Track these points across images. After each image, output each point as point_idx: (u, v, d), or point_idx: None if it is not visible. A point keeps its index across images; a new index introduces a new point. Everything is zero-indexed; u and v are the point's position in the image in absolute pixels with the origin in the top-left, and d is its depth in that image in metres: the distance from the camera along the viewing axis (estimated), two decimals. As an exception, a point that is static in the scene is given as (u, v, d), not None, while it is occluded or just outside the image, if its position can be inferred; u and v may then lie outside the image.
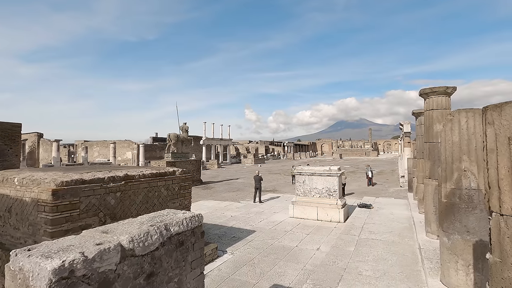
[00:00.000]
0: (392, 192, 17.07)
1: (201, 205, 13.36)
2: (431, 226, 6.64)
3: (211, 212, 11.86)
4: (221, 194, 17.32)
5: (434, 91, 6.58)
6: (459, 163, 4.19)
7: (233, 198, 15.88)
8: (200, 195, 17.23)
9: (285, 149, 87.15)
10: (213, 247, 6.81)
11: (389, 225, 8.82)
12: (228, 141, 56.80)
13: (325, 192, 10.41)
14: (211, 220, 10.47)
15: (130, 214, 5.30)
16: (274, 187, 20.38)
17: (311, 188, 10.68)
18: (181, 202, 6.55)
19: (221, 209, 12.39)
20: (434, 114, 6.64)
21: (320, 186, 10.51)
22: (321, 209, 10.27)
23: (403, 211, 10.74)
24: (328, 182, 10.37)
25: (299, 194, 10.93)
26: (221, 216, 11.15)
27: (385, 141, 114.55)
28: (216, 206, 13.08)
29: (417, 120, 9.44)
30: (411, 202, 11.52)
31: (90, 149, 50.07)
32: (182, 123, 22.33)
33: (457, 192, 4.20)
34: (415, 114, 9.36)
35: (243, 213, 11.56)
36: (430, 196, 6.63)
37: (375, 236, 7.79)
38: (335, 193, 10.25)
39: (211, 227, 9.55)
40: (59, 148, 28.33)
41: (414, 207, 10.45)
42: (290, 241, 7.94)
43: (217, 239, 8.29)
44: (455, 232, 4.19)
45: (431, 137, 6.69)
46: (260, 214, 11.43)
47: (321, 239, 8.07)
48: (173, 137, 20.90)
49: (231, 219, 10.57)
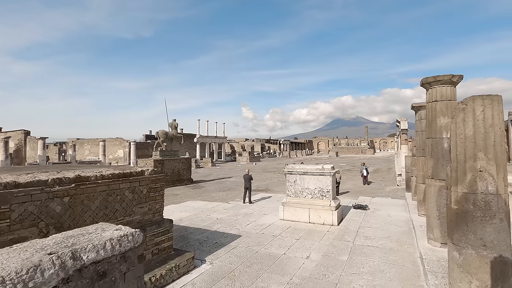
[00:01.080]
0: (388, 191, 16.40)
1: (186, 206, 12.55)
2: (433, 232, 5.90)
3: (196, 214, 11.06)
4: (210, 194, 16.52)
5: (438, 80, 5.82)
6: (474, 161, 3.43)
7: (223, 198, 15.09)
8: (188, 195, 16.41)
9: (281, 147, 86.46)
10: (188, 257, 6.01)
11: (386, 229, 8.09)
12: (223, 139, 55.93)
13: (318, 193, 9.66)
14: (195, 223, 9.67)
15: (84, 222, 4.48)
16: (267, 186, 19.63)
17: (302, 189, 9.92)
18: (151, 206, 5.75)
19: (207, 211, 11.59)
20: (438, 106, 5.88)
21: (313, 186, 9.75)
22: (314, 211, 9.52)
23: (401, 213, 10.02)
24: (321, 182, 9.61)
25: (290, 195, 10.17)
26: (206, 218, 10.36)
27: (381, 139, 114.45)
28: (203, 207, 12.28)
29: (417, 115, 8.71)
30: (409, 202, 10.82)
31: (81, 148, 48.94)
32: (171, 120, 21.45)
33: (471, 197, 3.45)
34: (415, 108, 8.63)
35: (231, 215, 10.77)
36: (433, 198, 5.89)
37: (371, 242, 7.04)
38: (329, 193, 9.50)
39: (193, 232, 8.75)
40: (45, 146, 27.29)
41: (413, 208, 9.74)
42: (277, 248, 7.17)
43: (198, 245, 7.50)
44: (468, 246, 3.43)
45: (434, 132, 5.94)
46: (248, 216, 10.65)
47: (312, 245, 7.31)
48: (161, 135, 20.02)
49: (216, 222, 9.78)
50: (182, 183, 20.48)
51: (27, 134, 34.32)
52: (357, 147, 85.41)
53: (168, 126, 21.30)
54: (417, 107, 8.50)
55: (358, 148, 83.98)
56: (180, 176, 20.65)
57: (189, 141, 53.89)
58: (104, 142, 32.70)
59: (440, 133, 5.85)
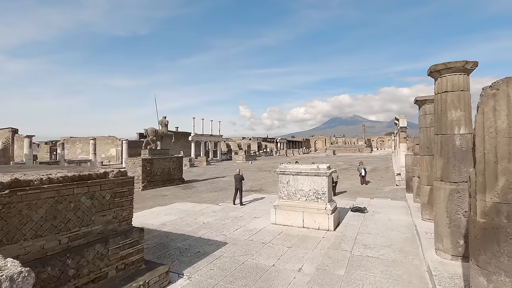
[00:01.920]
0: (387, 191, 15.67)
1: (173, 209, 11.72)
2: (443, 242, 5.14)
3: (182, 217, 10.24)
4: (201, 195, 15.69)
5: (449, 67, 5.04)
6: (509, 162, 2.65)
7: (213, 199, 14.28)
8: (177, 196, 15.58)
9: (278, 145, 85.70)
10: (162, 272, 5.20)
11: (387, 236, 7.32)
12: (218, 137, 55.03)
13: (313, 195, 8.89)
14: (178, 229, 8.86)
15: (22, 237, 3.65)
16: (261, 186, 18.85)
17: (296, 190, 9.14)
18: (117, 214, 4.92)
19: (195, 214, 10.78)
20: (449, 98, 5.10)
21: (307, 187, 8.97)
22: (308, 214, 8.75)
23: (403, 216, 9.28)
24: (316, 183, 8.84)
25: (283, 197, 9.39)
26: (191, 222, 9.55)
27: (379, 138, 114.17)
28: (191, 210, 11.46)
29: (421, 110, 7.94)
30: (410, 204, 10.08)
31: (73, 146, 47.82)
32: (161, 117, 20.55)
33: (504, 208, 2.67)
34: (419, 102, 7.86)
35: (219, 219, 9.97)
36: (443, 203, 5.12)
37: (371, 252, 6.27)
38: (324, 196, 8.73)
39: (176, 238, 7.95)
40: (31, 144, 26.27)
41: (416, 211, 9.00)
42: (266, 258, 6.38)
43: (177, 255, 6.69)
44: (500, 272, 2.66)
45: (445, 127, 5.16)
46: (238, 220, 9.86)
47: (305, 254, 6.53)
48: (150, 132, 19.13)
49: (203, 227, 8.98)
50: (173, 183, 19.64)
51: (15, 132, 33.22)
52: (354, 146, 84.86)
53: (158, 123, 20.41)
54: (421, 101, 7.73)
55: (355, 146, 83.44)
56: (171, 175, 19.79)
57: (184, 140, 52.93)
58: (94, 140, 31.67)
59: (451, 128, 5.07)
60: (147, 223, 9.50)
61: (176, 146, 52.89)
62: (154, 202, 13.77)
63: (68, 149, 48.83)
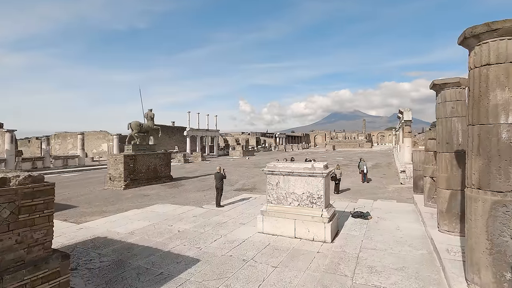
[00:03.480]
0: (392, 191, 14.27)
1: (150, 212, 10.31)
2: (480, 274, 3.72)
3: (156, 224, 8.84)
4: (186, 195, 14.29)
5: (494, 29, 3.55)
6: None
7: (199, 200, 12.88)
8: (161, 196, 14.17)
9: (277, 140, 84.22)
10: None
11: (398, 253, 5.90)
12: (215, 132, 53.53)
13: (306, 199, 7.46)
14: (148, 239, 7.46)
15: None
16: (254, 185, 17.45)
17: (287, 193, 7.72)
18: (23, 237, 3.49)
19: (172, 219, 9.38)
20: (492, 73, 3.64)
21: (300, 190, 7.55)
22: (300, 222, 7.34)
23: (413, 224, 7.86)
24: (311, 185, 7.41)
25: (272, 201, 7.97)
26: (165, 231, 8.15)
27: (379, 133, 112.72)
28: (169, 214, 10.06)
29: (439, 96, 6.44)
30: (421, 209, 8.66)
31: (64, 141, 46.37)
32: (147, 110, 19.02)
33: None
34: (437, 86, 6.34)
35: (198, 226, 8.57)
36: (481, 221, 3.69)
37: (378, 279, 4.84)
38: (320, 200, 7.30)
39: (140, 253, 6.55)
40: (13, 139, 24.79)
41: (429, 218, 7.59)
42: (244, 284, 4.98)
43: (133, 279, 5.29)
44: None
45: (485, 114, 3.70)
46: (219, 227, 8.46)
47: (294, 278, 5.13)
48: (134, 126, 17.65)
49: (176, 237, 7.58)
50: (160, 181, 18.22)
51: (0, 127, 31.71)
52: (355, 141, 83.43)
53: (144, 116, 18.92)
54: (440, 85, 6.23)
55: (356, 141, 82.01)
56: (157, 173, 18.37)
57: (179, 135, 51.43)
58: (82, 135, 30.16)
59: (496, 116, 3.62)
60: (112, 232, 8.10)
61: (171, 141, 51.42)
62: (132, 203, 12.37)
63: (59, 145, 47.36)
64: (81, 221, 9.52)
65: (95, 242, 7.31)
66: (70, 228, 8.55)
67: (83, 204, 12.28)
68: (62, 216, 10.20)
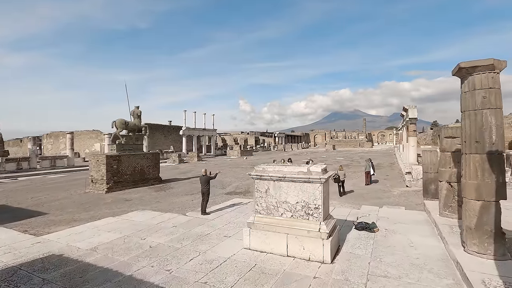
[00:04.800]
0: (398, 195, 13.00)
1: (124, 221, 9.05)
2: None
3: (127, 236, 7.59)
4: (172, 199, 13.03)
5: None
6: None
7: (184, 206, 11.63)
8: (144, 200, 12.91)
9: (276, 140, 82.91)
10: None
11: (416, 283, 4.62)
12: (212, 131, 52.24)
13: (301, 210, 6.20)
14: (111, 258, 6.21)
15: None
16: (247, 188, 16.19)
17: (278, 202, 6.46)
18: None
19: (148, 230, 8.13)
20: None
21: (293, 199, 6.28)
22: (294, 238, 6.08)
23: (429, 239, 6.59)
24: (306, 193, 6.15)
25: (260, 211, 6.71)
26: (135, 246, 6.89)
27: (379, 132, 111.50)
28: (146, 223, 8.81)
29: (465, 84, 5.15)
30: (436, 219, 7.39)
31: (56, 141, 45.14)
32: (133, 107, 17.74)
33: None
34: (464, 70, 5.03)
35: (175, 239, 7.32)
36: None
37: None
38: (318, 211, 6.04)
39: (94, 278, 5.30)
40: None
41: (448, 232, 6.33)
42: (215, 330, 3.73)
43: (70, 321, 4.03)
44: None
45: None
46: (200, 240, 7.20)
47: (282, 320, 3.88)
48: (119, 124, 16.38)
49: (145, 255, 6.32)
50: (147, 183, 16.96)
51: (-14, 126, 30.39)
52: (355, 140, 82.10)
53: (130, 114, 17.64)
54: (468, 68, 4.94)
55: (356, 141, 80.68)
56: (145, 174, 17.10)
57: (175, 134, 50.13)
58: (71, 135, 28.86)
59: None
60: (72, 247, 6.84)
61: (167, 140, 50.15)
62: (110, 210, 11.12)
63: (51, 144, 46.15)
64: (42, 232, 8.26)
65: (45, 262, 6.05)
66: (24, 242, 7.29)
67: (54, 210, 11.02)
68: (24, 226, 8.95)
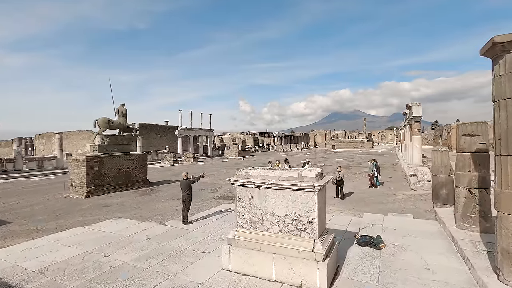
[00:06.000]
0: (403, 200, 11.85)
1: (94, 232, 7.89)
2: None
3: (91, 252, 6.44)
4: (155, 205, 11.88)
5: None
6: None
7: (166, 212, 10.49)
8: (124, 206, 11.75)
9: (275, 140, 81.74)
10: None
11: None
12: (209, 131, 51.06)
13: (291, 224, 5.06)
14: (59, 283, 5.07)
15: None
16: (240, 191, 14.99)
17: (264, 214, 5.31)
18: None
19: (116, 243, 6.98)
20: None
21: (282, 210, 5.14)
22: (282, 259, 4.94)
23: (448, 259, 5.44)
24: (297, 204, 5.01)
25: (243, 225, 5.57)
26: (93, 266, 5.74)
27: (380, 132, 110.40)
28: (118, 235, 7.66)
29: (500, 65, 3.98)
30: (453, 233, 6.24)
31: (48, 142, 44.02)
32: (119, 105, 16.60)
33: None
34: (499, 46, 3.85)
35: (144, 256, 6.17)
36: None
37: None
38: (311, 225, 4.90)
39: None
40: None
41: (471, 251, 5.19)
42: None
43: None
44: None
45: None
46: (173, 258, 6.06)
47: None
48: (102, 124, 15.24)
49: (102, 278, 5.18)
50: (132, 187, 15.80)
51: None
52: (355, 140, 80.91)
53: (115, 112, 16.49)
54: (505, 43, 3.76)
55: (356, 141, 79.49)
56: (130, 177, 15.95)
57: (171, 134, 48.99)
58: (60, 135, 27.71)
59: None
60: (17, 268, 5.70)
61: (162, 141, 49.02)
62: (82, 218, 9.97)
63: (43, 145, 45.01)
64: (-7, 247, 7.11)
65: (-25, 289, 4.92)
66: (-36, 260, 6.15)
67: (20, 219, 9.87)
68: (-25, 238, 7.80)
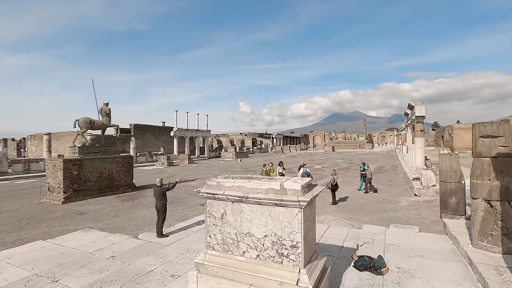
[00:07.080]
0: (406, 207, 10.82)
1: (55, 248, 6.87)
2: None
3: (37, 275, 5.43)
4: (134, 212, 10.85)
5: None
6: None
7: (144, 222, 9.46)
8: (101, 214, 10.73)
9: (274, 141, 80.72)
10: None
11: None
12: (206, 132, 50.04)
13: (271, 247, 4.05)
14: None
15: None
16: (230, 196, 13.97)
17: (239, 234, 4.30)
18: None
19: (73, 263, 5.97)
20: None
21: (260, 230, 4.13)
22: (259, 292, 3.92)
23: None
24: (278, 222, 4.00)
25: (214, 246, 4.54)
26: (34, 295, 4.73)
27: (380, 133, 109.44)
28: (78, 252, 6.64)
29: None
30: (470, 254, 5.22)
31: (40, 143, 43.01)
32: (102, 104, 15.59)
33: None
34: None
35: (100, 282, 5.15)
36: None
37: None
38: (296, 251, 3.89)
39: None
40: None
41: (496, 280, 4.18)
42: None
43: None
44: None
45: None
46: (134, 284, 5.04)
47: None
48: (83, 123, 14.23)
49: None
50: (117, 191, 14.78)
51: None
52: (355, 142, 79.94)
53: (98, 112, 15.48)
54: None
55: (356, 142, 78.51)
56: (114, 181, 14.93)
57: (167, 135, 47.95)
58: (49, 136, 26.75)
59: None
60: None
61: (158, 142, 47.96)
62: (50, 228, 8.96)
63: (35, 146, 44.00)
64: None
65: None
66: None
67: (-21, 229, 8.86)
68: None
